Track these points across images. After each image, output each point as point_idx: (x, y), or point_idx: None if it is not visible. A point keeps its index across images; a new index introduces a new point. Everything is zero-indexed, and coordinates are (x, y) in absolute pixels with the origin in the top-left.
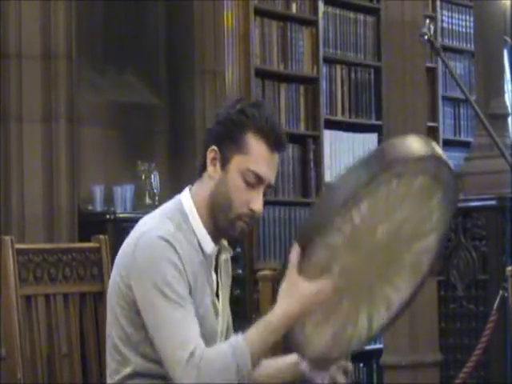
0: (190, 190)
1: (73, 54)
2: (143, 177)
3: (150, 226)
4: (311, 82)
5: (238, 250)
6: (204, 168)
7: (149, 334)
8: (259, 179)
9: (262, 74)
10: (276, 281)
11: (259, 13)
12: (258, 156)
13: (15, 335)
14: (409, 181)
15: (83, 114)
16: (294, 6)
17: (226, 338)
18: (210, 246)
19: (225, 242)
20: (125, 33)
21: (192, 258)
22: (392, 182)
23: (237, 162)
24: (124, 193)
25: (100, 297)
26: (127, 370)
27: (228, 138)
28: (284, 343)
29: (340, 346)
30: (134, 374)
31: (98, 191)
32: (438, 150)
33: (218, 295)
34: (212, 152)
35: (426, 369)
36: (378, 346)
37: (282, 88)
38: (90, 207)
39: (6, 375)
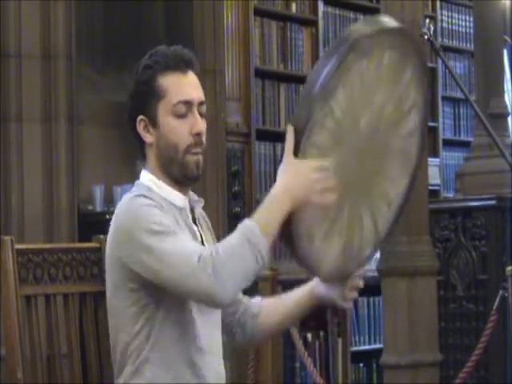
0: (144, 169)
1: (72, 53)
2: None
3: (119, 204)
4: None
5: None
6: (143, 145)
7: (160, 279)
8: (188, 104)
9: (262, 74)
10: (276, 281)
11: (259, 13)
12: (175, 87)
13: (15, 335)
14: (377, 58)
15: (83, 114)
16: (293, 6)
17: None
18: (179, 198)
19: (194, 196)
20: (124, 33)
21: (170, 217)
22: (361, 62)
23: (163, 109)
24: (124, 192)
25: (100, 297)
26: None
27: (146, 99)
28: (298, 263)
29: (352, 256)
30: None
31: (98, 191)
32: (397, 23)
33: (203, 244)
34: (141, 122)
35: (426, 369)
36: (378, 345)
37: (281, 88)
38: (89, 207)
39: (5, 375)
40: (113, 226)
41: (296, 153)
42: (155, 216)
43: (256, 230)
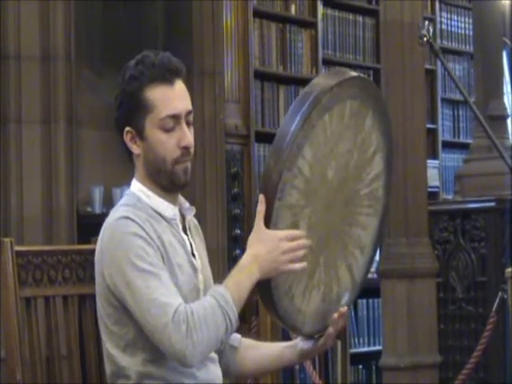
0: (135, 179)
1: (72, 55)
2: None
3: (108, 219)
4: None
5: (238, 251)
6: (131, 155)
7: (133, 314)
8: (176, 117)
9: (261, 76)
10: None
11: (258, 14)
12: (162, 101)
13: (15, 337)
14: (339, 111)
15: (82, 116)
16: (293, 8)
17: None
18: (168, 209)
19: (186, 204)
20: (124, 34)
21: (155, 228)
22: (324, 117)
23: (150, 123)
24: (123, 194)
25: None
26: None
27: (133, 111)
28: (281, 323)
29: (331, 304)
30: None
31: (97, 192)
32: (353, 72)
33: (193, 254)
34: (128, 134)
35: (425, 370)
36: (378, 347)
37: (280, 90)
38: (89, 209)
39: (5, 377)
40: (99, 245)
41: (269, 217)
42: (141, 249)
43: (228, 297)
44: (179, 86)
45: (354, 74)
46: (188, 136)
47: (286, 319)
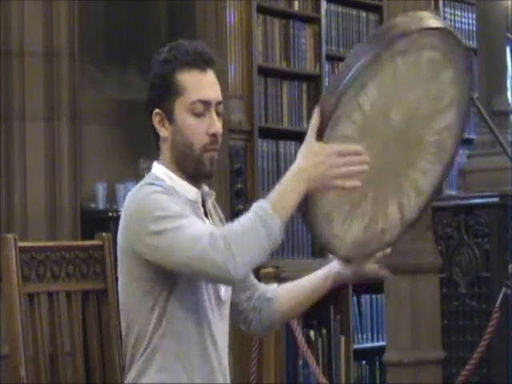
0: (157, 162)
1: (75, 51)
2: (145, 174)
3: (129, 194)
4: (314, 80)
5: None
6: (158, 138)
7: (169, 263)
8: (206, 103)
9: (265, 72)
10: (279, 278)
11: (262, 10)
12: (194, 85)
13: (18, 333)
14: (414, 57)
15: (85, 112)
16: (296, 4)
17: None
18: (192, 192)
19: (205, 188)
20: (127, 31)
21: (179, 202)
22: (396, 60)
23: (180, 106)
24: (126, 190)
25: (103, 294)
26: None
27: (164, 93)
28: (316, 243)
29: (373, 239)
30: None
31: (101, 189)
32: (442, 22)
33: None
34: (157, 116)
35: (429, 366)
36: (381, 343)
37: (284, 85)
38: (92, 205)
39: (8, 373)
40: (122, 217)
41: (319, 139)
42: (162, 202)
43: (268, 208)
44: (211, 75)
45: (439, 24)
46: (217, 124)
47: (321, 238)
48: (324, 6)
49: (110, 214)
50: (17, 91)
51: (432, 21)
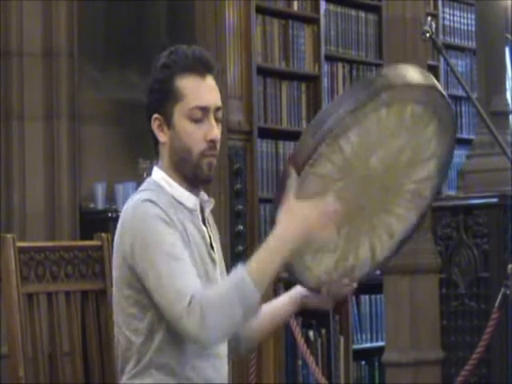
0: (156, 167)
1: (74, 51)
2: (145, 174)
3: (129, 202)
4: (313, 80)
5: (240, 247)
6: (157, 142)
7: (151, 295)
8: (205, 109)
9: (264, 72)
10: (276, 279)
11: (261, 11)
12: (193, 91)
13: (17, 333)
14: (399, 109)
15: (84, 112)
16: (295, 4)
17: None
18: (190, 200)
19: (204, 196)
20: (126, 30)
21: (178, 215)
22: (381, 111)
23: (179, 112)
24: (126, 190)
25: (102, 295)
26: (140, 364)
27: (162, 98)
28: (288, 274)
29: (343, 273)
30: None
31: (100, 189)
32: (428, 76)
33: (212, 246)
34: (155, 121)
35: (428, 366)
36: (380, 343)
37: (283, 86)
38: (91, 205)
39: (8, 373)
40: (121, 227)
41: (298, 175)
42: (163, 232)
43: (249, 283)
44: (210, 81)
45: (424, 79)
46: (215, 130)
47: (291, 270)
48: (323, 6)
49: (109, 214)
50: (16, 91)
51: (417, 76)
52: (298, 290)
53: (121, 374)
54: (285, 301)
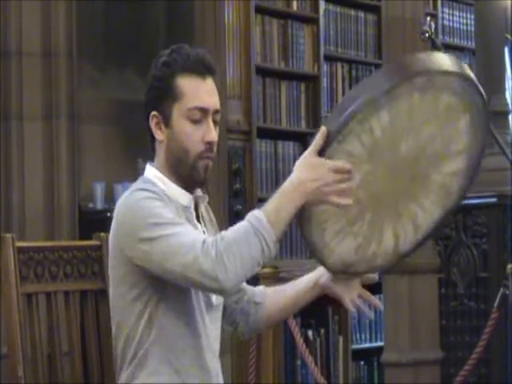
0: (150, 165)
1: (73, 51)
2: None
3: (120, 199)
4: (312, 80)
5: None
6: (154, 140)
7: (161, 271)
8: (203, 111)
9: (263, 72)
10: (277, 279)
11: (260, 10)
12: (192, 91)
13: (16, 333)
14: (433, 97)
15: (84, 112)
16: (294, 4)
17: None
18: (184, 197)
19: (198, 191)
20: (125, 31)
21: (171, 208)
22: (413, 95)
23: (177, 111)
24: (125, 190)
25: (101, 294)
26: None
27: (161, 96)
28: (306, 246)
29: (363, 260)
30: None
31: (99, 189)
32: (466, 69)
33: None
34: (153, 118)
35: (427, 367)
36: (379, 343)
37: (282, 86)
38: (90, 205)
39: (7, 373)
40: (114, 221)
41: (321, 155)
42: (155, 208)
43: (263, 219)
44: (210, 83)
45: (462, 70)
46: (213, 132)
47: (311, 244)
48: (322, 6)
49: (108, 214)
50: (15, 91)
51: (457, 66)
52: (319, 274)
53: (119, 372)
54: (309, 286)
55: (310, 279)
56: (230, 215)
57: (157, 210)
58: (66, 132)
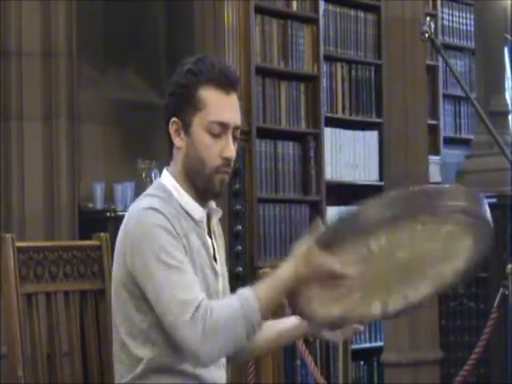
0: (167, 170)
1: (73, 51)
2: (143, 174)
3: (134, 205)
4: (312, 80)
5: (239, 247)
6: (172, 145)
7: (152, 304)
8: (224, 126)
9: (263, 72)
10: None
11: (260, 11)
12: (215, 105)
13: (16, 333)
14: (436, 227)
15: (83, 112)
16: (294, 4)
17: (225, 297)
18: (198, 211)
19: (213, 204)
20: (125, 31)
21: (182, 225)
22: (416, 227)
23: (198, 121)
24: (124, 190)
25: (101, 294)
26: (137, 371)
27: (183, 104)
28: (292, 312)
29: (349, 320)
30: (145, 372)
31: (99, 189)
32: (475, 204)
33: (215, 258)
34: (173, 124)
35: (427, 366)
36: (379, 343)
37: (282, 86)
38: (90, 205)
39: (6, 373)
40: (123, 232)
41: (323, 247)
42: (167, 244)
43: (254, 306)
44: (234, 98)
45: (467, 204)
46: (232, 148)
47: (299, 312)
48: (322, 6)
49: (108, 214)
50: (15, 91)
51: (464, 202)
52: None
53: (119, 376)
54: (295, 325)
55: (294, 322)
56: (229, 215)
57: (169, 248)
58: (66, 132)
